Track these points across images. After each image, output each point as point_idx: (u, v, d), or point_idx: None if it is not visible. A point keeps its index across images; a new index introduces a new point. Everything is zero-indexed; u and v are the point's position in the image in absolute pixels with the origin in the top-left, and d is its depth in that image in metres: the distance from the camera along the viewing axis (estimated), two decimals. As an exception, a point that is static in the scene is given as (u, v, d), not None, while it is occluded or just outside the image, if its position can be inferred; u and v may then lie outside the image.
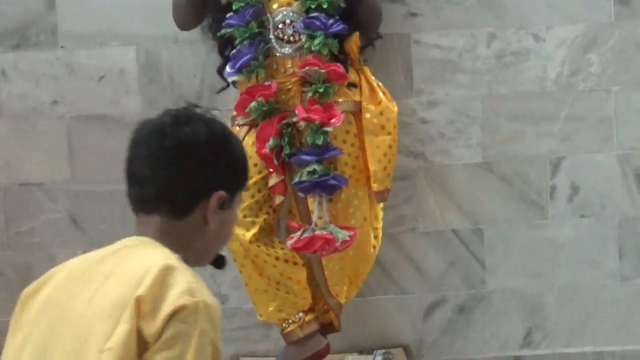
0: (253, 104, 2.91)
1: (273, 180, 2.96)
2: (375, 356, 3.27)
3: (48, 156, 3.35)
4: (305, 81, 2.94)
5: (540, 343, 3.47)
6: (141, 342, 1.73)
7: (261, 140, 2.91)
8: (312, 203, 2.95)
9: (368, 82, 3.06)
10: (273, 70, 2.98)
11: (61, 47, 3.32)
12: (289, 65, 2.96)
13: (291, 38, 2.96)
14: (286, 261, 3.01)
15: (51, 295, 1.83)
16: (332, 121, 2.87)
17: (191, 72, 3.35)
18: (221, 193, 1.88)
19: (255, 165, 2.95)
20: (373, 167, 2.99)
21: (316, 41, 2.90)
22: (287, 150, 2.93)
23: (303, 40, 2.94)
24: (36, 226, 3.36)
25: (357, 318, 3.39)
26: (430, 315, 3.45)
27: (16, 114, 3.35)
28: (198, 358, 1.75)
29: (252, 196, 2.98)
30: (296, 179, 2.92)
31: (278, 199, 2.98)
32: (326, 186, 2.90)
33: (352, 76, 3.04)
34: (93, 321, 1.75)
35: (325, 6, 2.92)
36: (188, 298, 1.76)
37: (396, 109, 3.08)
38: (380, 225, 3.14)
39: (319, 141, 2.87)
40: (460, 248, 3.44)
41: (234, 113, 3.03)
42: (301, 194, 2.95)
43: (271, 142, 2.90)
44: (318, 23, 2.91)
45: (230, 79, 3.00)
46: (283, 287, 3.03)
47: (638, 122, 3.45)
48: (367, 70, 3.10)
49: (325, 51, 2.92)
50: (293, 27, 2.96)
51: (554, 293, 3.46)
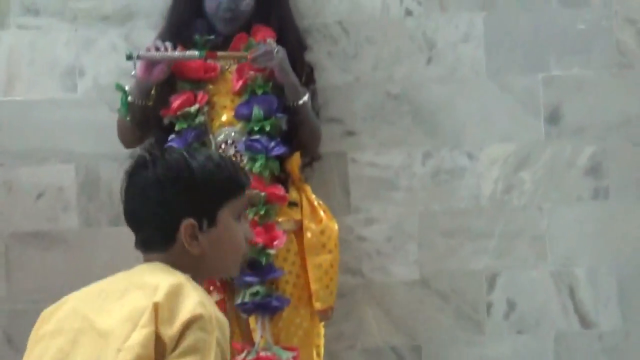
0: None
1: (213, 299, 2.95)
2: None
3: (-16, 273, 3.32)
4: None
5: None
6: (159, 346, 1.78)
7: None
8: (255, 322, 2.94)
9: (309, 201, 3.09)
10: None
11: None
12: None
13: (233, 158, 2.95)
14: None
15: (69, 311, 1.89)
16: (275, 243, 2.90)
17: None
18: (188, 222, 1.92)
19: None
20: (315, 286, 3.01)
21: (257, 164, 2.93)
22: None
23: (245, 161, 2.97)
24: (-30, 345, 3.32)
25: None
26: None
27: (-48, 232, 3.32)
28: None
29: None
30: (239, 300, 2.92)
31: (218, 318, 2.97)
32: (269, 307, 2.91)
33: (293, 194, 3.07)
34: (113, 327, 1.81)
35: (268, 128, 2.96)
36: (202, 309, 1.82)
37: (337, 227, 3.11)
38: (322, 342, 3.14)
39: (262, 262, 2.89)
40: (398, 365, 3.46)
41: None
42: (244, 315, 2.95)
43: None
44: (259, 146, 2.95)
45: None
46: None
47: (570, 239, 3.50)
48: (308, 188, 3.13)
49: (266, 173, 2.95)
50: (235, 147, 3.00)
51: (493, 409, 3.48)
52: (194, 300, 1.83)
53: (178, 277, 1.88)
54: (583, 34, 3.52)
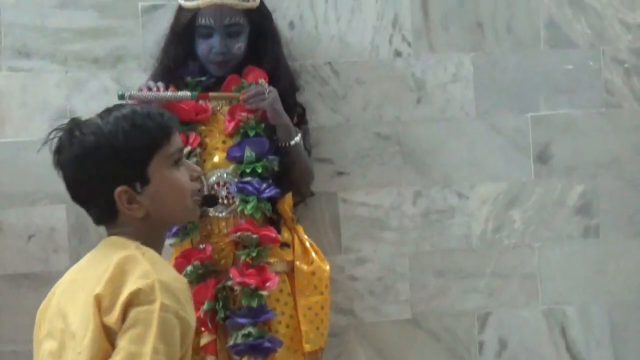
0: (189, 268, 2.93)
1: (205, 339, 2.96)
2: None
3: (-26, 316, 3.31)
4: (238, 243, 2.96)
5: None
6: (110, 335, 1.80)
7: (196, 303, 2.89)
8: (247, 364, 2.95)
9: (301, 242, 3.10)
10: (207, 230, 3.00)
11: (-10, 207, 3.32)
12: (223, 225, 2.99)
13: (225, 200, 2.99)
14: None
15: (55, 310, 1.93)
16: (267, 285, 2.90)
17: None
18: (119, 190, 1.92)
19: None
20: (305, 328, 3.01)
21: (249, 206, 2.93)
22: (222, 314, 2.94)
23: (237, 203, 2.97)
24: (-41, 388, 3.29)
25: None
26: None
27: (-57, 275, 3.31)
28: (163, 331, 1.80)
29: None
30: (231, 342, 2.91)
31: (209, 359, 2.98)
32: (261, 349, 2.90)
33: (285, 235, 3.07)
34: (77, 326, 1.84)
35: (259, 170, 2.96)
36: (142, 281, 1.82)
37: (328, 268, 3.11)
38: (314, 382, 3.16)
39: (254, 304, 2.88)
40: (390, 405, 3.44)
41: None
42: (236, 357, 2.94)
43: (206, 306, 2.91)
44: (251, 188, 2.94)
45: (166, 243, 2.98)
46: None
47: (562, 277, 3.51)
48: (300, 228, 3.14)
49: (258, 215, 2.94)
50: (227, 189, 3.00)
51: None
52: (136, 274, 1.84)
53: (126, 251, 1.90)
54: (571, 74, 3.55)
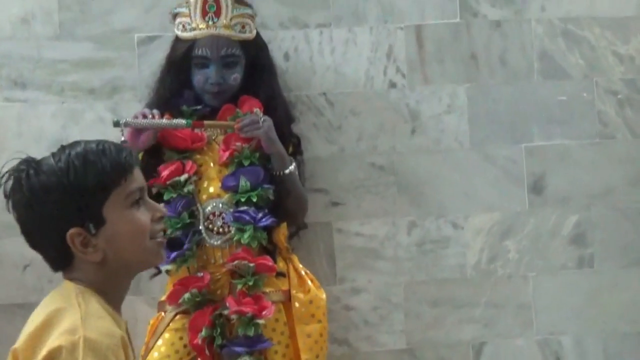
0: (187, 296, 2.93)
1: (200, 371, 2.98)
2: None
3: (-31, 346, 3.29)
4: (234, 272, 2.96)
5: None
6: None
7: (194, 330, 2.91)
8: (244, 393, 2.95)
9: (296, 271, 3.10)
10: (203, 260, 3.00)
11: (-15, 238, 3.31)
12: (219, 255, 2.99)
13: (220, 229, 2.99)
14: None
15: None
16: (264, 313, 2.89)
17: None
18: (71, 232, 1.83)
19: (177, 352, 2.95)
20: (305, 356, 3.00)
21: (245, 235, 2.93)
22: (219, 341, 2.92)
23: (232, 232, 2.97)
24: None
25: None
26: None
27: (-62, 304, 3.30)
28: None
29: None
30: (228, 371, 2.92)
31: (204, 385, 2.98)
32: (258, 378, 2.91)
33: (281, 264, 3.06)
34: None
35: (255, 200, 2.96)
36: (66, 338, 1.71)
37: (325, 297, 3.11)
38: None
39: (250, 333, 2.87)
40: None
41: (162, 298, 3.04)
42: None
43: (203, 333, 2.90)
44: (247, 217, 2.94)
45: (163, 268, 3.01)
46: None
47: (556, 307, 3.52)
48: (295, 258, 3.14)
49: (254, 244, 2.94)
50: (222, 219, 2.99)
51: None
52: (61, 329, 1.74)
53: (62, 303, 1.79)
54: (565, 105, 3.57)
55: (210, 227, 2.99)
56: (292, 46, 3.46)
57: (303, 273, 3.11)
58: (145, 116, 2.95)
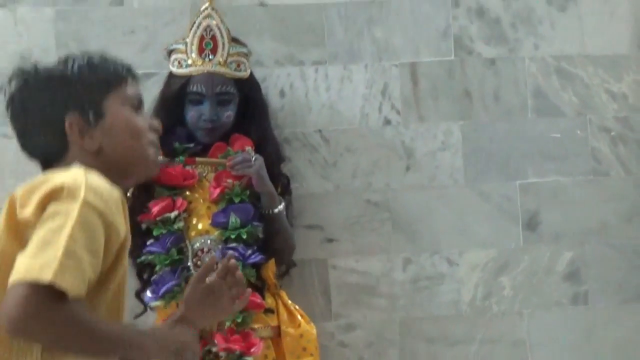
0: None
1: (191, 406, 2.96)
2: None
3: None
4: (223, 309, 2.97)
5: None
6: (19, 232, 1.71)
7: None
8: None
9: (286, 307, 3.11)
10: None
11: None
12: None
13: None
14: None
15: None
16: (252, 350, 2.90)
17: None
18: (71, 118, 1.87)
19: None
20: None
21: (234, 272, 2.95)
22: None
23: (221, 269, 2.98)
24: None
25: None
26: None
27: None
28: (82, 228, 1.68)
29: None
30: (218, 407, 2.93)
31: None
32: (247, 415, 2.92)
33: (269, 301, 3.07)
34: None
35: (244, 237, 2.98)
36: (70, 179, 1.72)
37: (315, 331, 3.13)
38: None
39: (239, 369, 2.91)
40: None
41: None
42: None
43: None
44: (236, 254, 2.94)
45: (151, 305, 3.03)
46: None
47: (551, 344, 3.51)
48: (284, 294, 3.15)
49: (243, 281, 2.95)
50: (211, 255, 3.00)
51: None
52: (64, 174, 1.75)
53: (65, 169, 1.79)
54: (559, 142, 3.59)
55: (198, 264, 3.00)
56: (288, 83, 3.49)
57: (293, 308, 3.12)
58: None
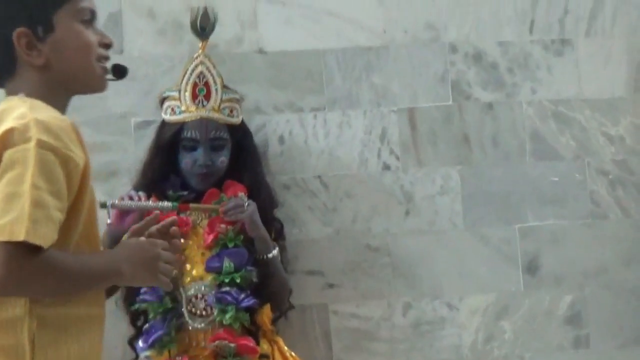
0: None
1: None
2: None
3: None
4: (217, 354, 2.99)
5: None
6: None
7: None
8: None
9: (281, 353, 3.12)
10: (185, 344, 3.03)
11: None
12: (202, 338, 3.03)
13: (203, 312, 3.03)
14: None
15: None
16: None
17: (112, 344, 3.24)
18: (18, 31, 1.89)
19: None
20: None
21: (227, 315, 2.96)
22: None
23: (215, 313, 3.00)
24: None
25: None
26: None
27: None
28: (42, 168, 1.72)
29: None
30: None
31: None
32: None
33: (265, 347, 3.09)
34: None
35: (238, 281, 3.01)
36: (17, 121, 1.75)
37: (312, 377, 3.16)
38: None
39: (233, 417, 2.93)
40: None
41: None
42: None
43: None
44: (229, 298, 2.98)
45: (142, 354, 3.05)
46: None
47: (553, 388, 3.54)
48: (280, 340, 3.17)
49: (236, 325, 2.98)
50: (205, 301, 3.03)
51: None
52: (10, 118, 1.78)
53: (6, 104, 1.84)
54: (557, 186, 3.62)
55: (192, 311, 3.04)
56: (287, 129, 3.53)
57: (288, 355, 3.14)
58: (131, 198, 2.99)
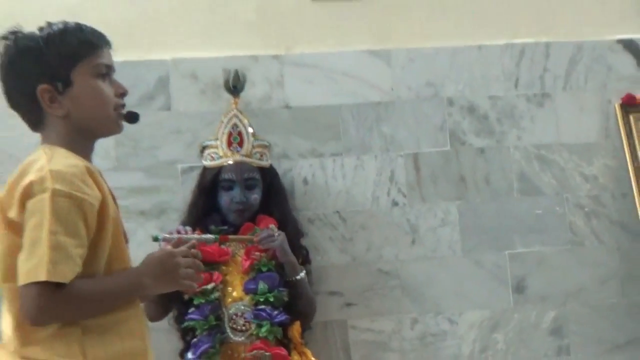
0: None
1: None
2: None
3: None
4: (255, 362, 3.14)
5: None
6: (16, 228, 1.86)
7: None
8: None
9: (309, 363, 3.29)
10: (228, 355, 3.19)
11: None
12: (242, 350, 3.19)
13: (243, 327, 3.21)
14: None
15: None
16: None
17: (165, 356, 3.36)
18: (40, 88, 1.99)
19: None
20: None
21: (263, 329, 3.14)
22: None
23: (253, 328, 3.18)
24: None
25: None
26: None
27: None
28: (57, 214, 1.82)
29: None
30: None
31: None
32: None
33: (295, 358, 3.25)
34: None
35: (272, 300, 3.18)
36: (35, 174, 1.85)
37: (335, 380, 3.29)
38: None
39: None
40: None
41: None
42: None
43: None
44: (265, 314, 3.16)
45: (189, 365, 3.22)
46: None
47: (539, 392, 3.74)
48: (308, 352, 3.33)
49: (271, 337, 3.15)
50: (244, 318, 3.21)
51: None
52: (33, 169, 1.85)
53: (33, 156, 1.92)
54: (541, 218, 3.86)
55: (234, 327, 3.22)
56: (310, 173, 3.73)
57: (315, 365, 3.31)
58: (179, 232, 3.06)
